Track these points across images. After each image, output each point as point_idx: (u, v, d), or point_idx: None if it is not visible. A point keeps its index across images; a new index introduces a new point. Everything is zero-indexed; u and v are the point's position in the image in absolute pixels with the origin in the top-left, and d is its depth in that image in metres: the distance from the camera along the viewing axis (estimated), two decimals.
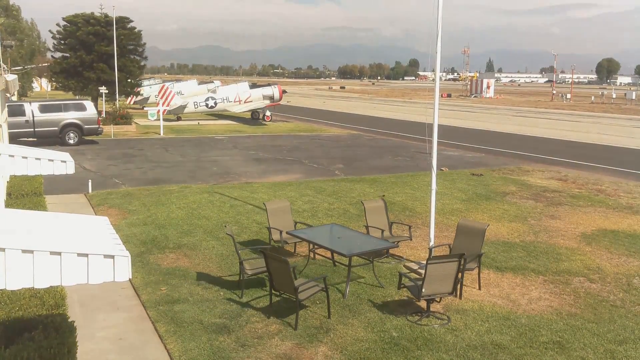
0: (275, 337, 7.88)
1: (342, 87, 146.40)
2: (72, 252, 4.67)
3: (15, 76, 18.48)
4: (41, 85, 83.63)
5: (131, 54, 46.82)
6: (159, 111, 35.52)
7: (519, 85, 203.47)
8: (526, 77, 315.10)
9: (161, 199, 16.06)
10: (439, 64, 10.25)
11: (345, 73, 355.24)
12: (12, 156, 9.13)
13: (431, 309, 8.63)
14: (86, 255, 4.71)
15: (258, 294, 9.31)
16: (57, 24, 44.75)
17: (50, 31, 45.62)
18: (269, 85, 47.11)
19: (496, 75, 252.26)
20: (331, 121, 45.12)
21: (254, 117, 44.55)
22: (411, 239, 11.79)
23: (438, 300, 8.84)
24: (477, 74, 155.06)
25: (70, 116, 28.10)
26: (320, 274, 9.53)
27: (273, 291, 8.49)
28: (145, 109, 44.03)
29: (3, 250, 4.50)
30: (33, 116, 27.16)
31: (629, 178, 21.10)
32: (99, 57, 43.43)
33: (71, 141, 27.89)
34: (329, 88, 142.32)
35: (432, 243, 10.66)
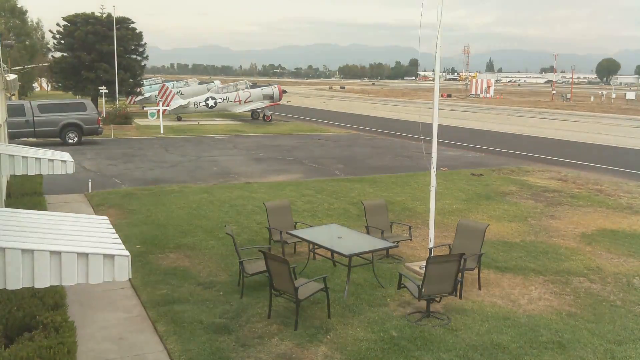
0: (275, 337, 7.88)
1: (342, 87, 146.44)
2: (72, 252, 4.68)
3: (15, 76, 18.48)
4: (41, 85, 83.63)
5: (132, 54, 46.97)
6: (159, 111, 35.54)
7: (519, 85, 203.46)
8: (526, 76, 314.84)
9: (161, 199, 16.06)
10: (439, 64, 10.25)
11: (346, 73, 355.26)
12: (12, 156, 9.13)
13: (431, 309, 8.62)
14: (86, 255, 4.72)
15: (258, 294, 9.30)
16: (57, 24, 44.85)
17: (50, 31, 45.75)
18: (269, 85, 47.13)
19: (497, 75, 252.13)
20: (331, 121, 45.13)
21: (254, 117, 44.56)
22: (411, 239, 11.79)
23: (438, 300, 8.83)
24: (477, 74, 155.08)
25: (70, 116, 28.09)
26: (320, 274, 9.53)
27: (273, 291, 8.48)
28: (145, 108, 44.07)
29: (3, 250, 4.50)
30: (33, 116, 27.16)
31: (629, 178, 21.10)
32: (99, 56, 43.48)
33: (71, 141, 27.89)
34: (329, 88, 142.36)
35: (432, 243, 10.66)
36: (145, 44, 48.17)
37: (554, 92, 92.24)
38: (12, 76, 17.59)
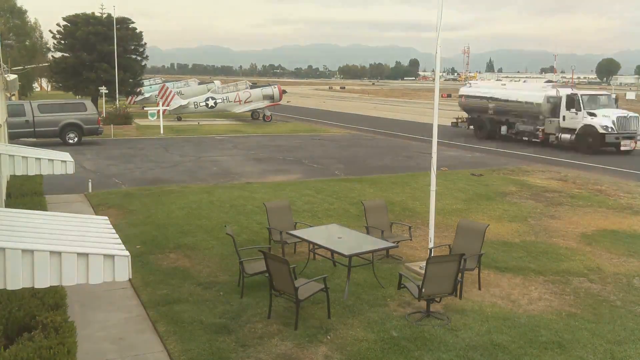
0: (275, 337, 7.88)
1: (342, 87, 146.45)
2: (72, 252, 4.68)
3: (16, 76, 18.48)
4: (41, 85, 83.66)
5: (132, 54, 47.01)
6: (159, 111, 35.55)
7: None
8: (526, 77, 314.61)
9: (161, 199, 16.06)
10: (439, 64, 10.25)
11: (346, 73, 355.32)
12: (12, 156, 9.14)
13: (431, 309, 8.62)
14: (86, 255, 4.72)
15: (258, 294, 9.30)
16: (57, 24, 44.87)
17: (50, 31, 45.77)
18: (269, 85, 47.14)
19: (497, 75, 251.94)
20: (331, 121, 45.13)
21: (254, 117, 44.57)
22: (411, 239, 11.79)
23: (438, 300, 8.83)
24: (477, 74, 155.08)
25: (71, 116, 28.10)
26: (320, 274, 9.52)
27: (273, 291, 8.49)
28: (145, 108, 44.08)
29: (3, 250, 4.50)
30: (33, 116, 27.16)
31: (629, 178, 21.10)
32: (99, 56, 43.51)
33: (71, 141, 27.90)
34: (329, 88, 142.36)
35: (432, 243, 10.66)
36: (145, 44, 48.23)
37: None
38: (12, 76, 17.59)
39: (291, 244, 11.36)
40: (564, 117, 28.56)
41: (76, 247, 4.83)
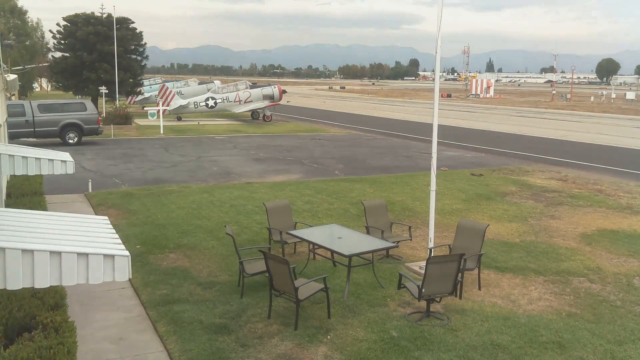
0: (275, 337, 7.88)
1: (342, 87, 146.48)
2: (72, 252, 4.68)
3: (16, 76, 18.50)
4: (41, 85, 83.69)
5: (132, 54, 47.02)
6: (159, 111, 35.55)
7: (519, 85, 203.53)
8: (526, 77, 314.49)
9: (161, 199, 16.06)
10: (439, 64, 10.25)
11: (346, 73, 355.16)
12: (12, 156, 9.13)
13: (431, 309, 8.62)
14: (86, 255, 4.72)
15: (258, 294, 9.30)
16: (57, 24, 44.90)
17: (50, 31, 45.82)
18: (268, 85, 47.15)
19: (497, 75, 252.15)
20: (331, 121, 45.13)
21: (254, 117, 44.57)
22: (411, 239, 11.79)
23: (438, 300, 8.83)
24: (477, 74, 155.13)
25: (71, 116, 28.10)
26: (320, 274, 9.52)
27: (273, 291, 8.48)
28: (145, 108, 44.08)
29: (3, 250, 4.50)
30: (33, 116, 27.17)
31: (629, 178, 21.09)
32: (100, 57, 43.52)
33: (71, 141, 27.90)
34: (329, 88, 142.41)
35: (432, 243, 10.66)
36: (145, 44, 48.24)
37: (554, 92, 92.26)
38: (12, 76, 17.60)
39: (291, 244, 11.36)
40: None
41: (76, 247, 4.83)
